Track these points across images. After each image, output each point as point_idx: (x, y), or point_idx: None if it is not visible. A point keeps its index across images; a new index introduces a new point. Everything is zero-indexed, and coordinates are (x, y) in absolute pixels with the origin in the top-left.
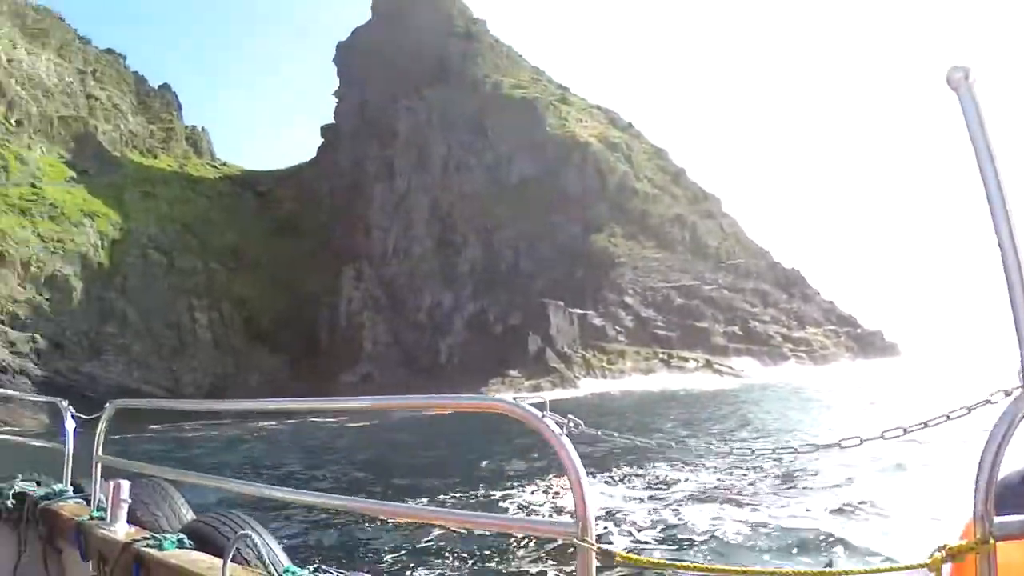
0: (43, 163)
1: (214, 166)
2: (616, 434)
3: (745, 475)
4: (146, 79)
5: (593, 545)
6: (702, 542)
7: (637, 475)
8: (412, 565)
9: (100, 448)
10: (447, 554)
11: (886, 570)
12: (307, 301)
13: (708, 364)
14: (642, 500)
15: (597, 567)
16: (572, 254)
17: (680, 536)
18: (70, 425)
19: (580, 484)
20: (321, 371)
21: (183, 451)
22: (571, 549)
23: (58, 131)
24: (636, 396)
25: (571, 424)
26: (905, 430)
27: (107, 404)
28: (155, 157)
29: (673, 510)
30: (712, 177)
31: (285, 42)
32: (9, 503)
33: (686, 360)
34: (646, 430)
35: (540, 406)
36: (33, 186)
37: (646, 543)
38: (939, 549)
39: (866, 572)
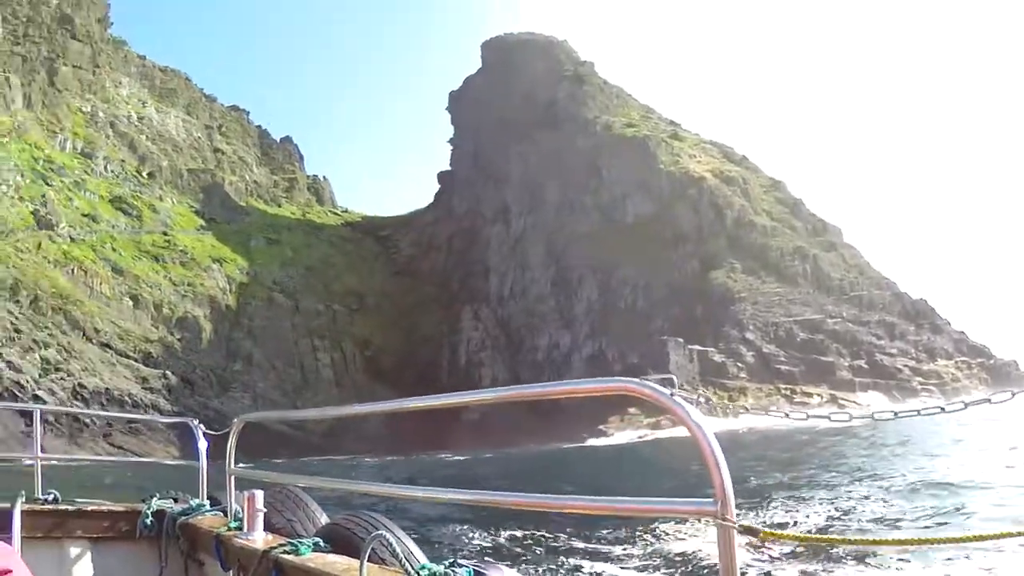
0: (174, 212)
1: (335, 213)
2: (748, 408)
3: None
4: (269, 132)
5: (735, 523)
6: (841, 524)
7: (772, 467)
8: (548, 555)
9: (232, 462)
10: (583, 542)
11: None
12: (426, 341)
13: (833, 399)
14: (778, 491)
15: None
16: (690, 291)
17: (817, 520)
18: (202, 444)
19: (717, 462)
20: (439, 411)
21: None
22: (712, 529)
23: (188, 183)
24: (760, 433)
25: (701, 401)
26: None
27: (235, 419)
28: (279, 205)
29: (808, 500)
30: (832, 207)
31: (400, 93)
32: (148, 521)
33: (810, 395)
34: (777, 463)
35: (667, 382)
36: (165, 234)
37: (784, 524)
38: None
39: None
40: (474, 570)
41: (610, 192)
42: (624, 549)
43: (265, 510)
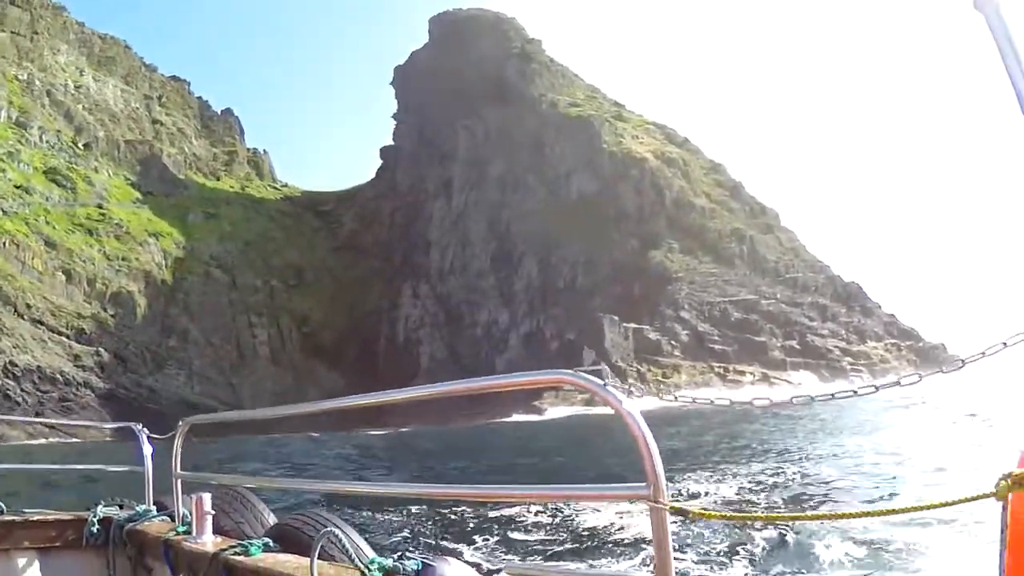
0: (110, 185)
1: (275, 187)
2: (676, 396)
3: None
4: (210, 104)
5: (666, 504)
6: (767, 501)
7: (698, 450)
8: (491, 544)
9: (178, 465)
10: (522, 530)
11: (954, 502)
12: (366, 318)
13: (765, 378)
14: (705, 472)
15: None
16: (630, 270)
17: (746, 498)
18: (147, 448)
19: (648, 446)
20: (378, 387)
21: (252, 462)
22: (644, 511)
23: (124, 154)
24: (695, 410)
25: (632, 391)
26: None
27: (180, 422)
28: (218, 179)
29: (735, 478)
30: (770, 191)
31: (344, 66)
32: (95, 528)
33: (742, 374)
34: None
35: (599, 373)
36: (100, 207)
37: (714, 504)
38: (1004, 478)
39: (932, 505)
40: (423, 562)
41: (554, 170)
42: (565, 531)
43: (213, 512)
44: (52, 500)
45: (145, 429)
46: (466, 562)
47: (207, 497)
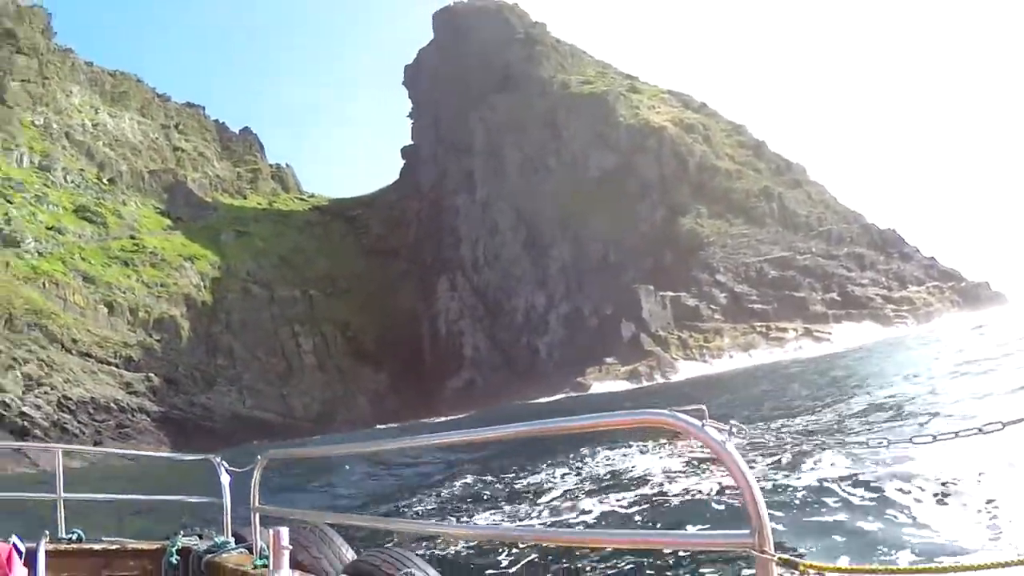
0: (140, 215)
1: (302, 199)
2: (780, 434)
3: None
4: (227, 125)
5: (773, 556)
6: (879, 545)
7: (788, 471)
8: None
9: (256, 498)
10: (600, 571)
11: None
12: (406, 317)
13: (808, 332)
14: (803, 500)
15: None
16: (660, 240)
17: (855, 539)
18: (225, 479)
19: (752, 492)
20: (425, 382)
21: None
22: (746, 560)
23: (150, 184)
24: (735, 375)
25: (733, 430)
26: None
27: (258, 456)
28: (244, 198)
29: (840, 509)
30: (794, 145)
31: (359, 70)
32: (174, 560)
33: (784, 331)
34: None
35: (698, 414)
36: (132, 237)
37: (818, 547)
38: None
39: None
40: None
41: (572, 149)
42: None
43: (291, 547)
44: (126, 528)
45: (224, 462)
46: None
47: (285, 531)
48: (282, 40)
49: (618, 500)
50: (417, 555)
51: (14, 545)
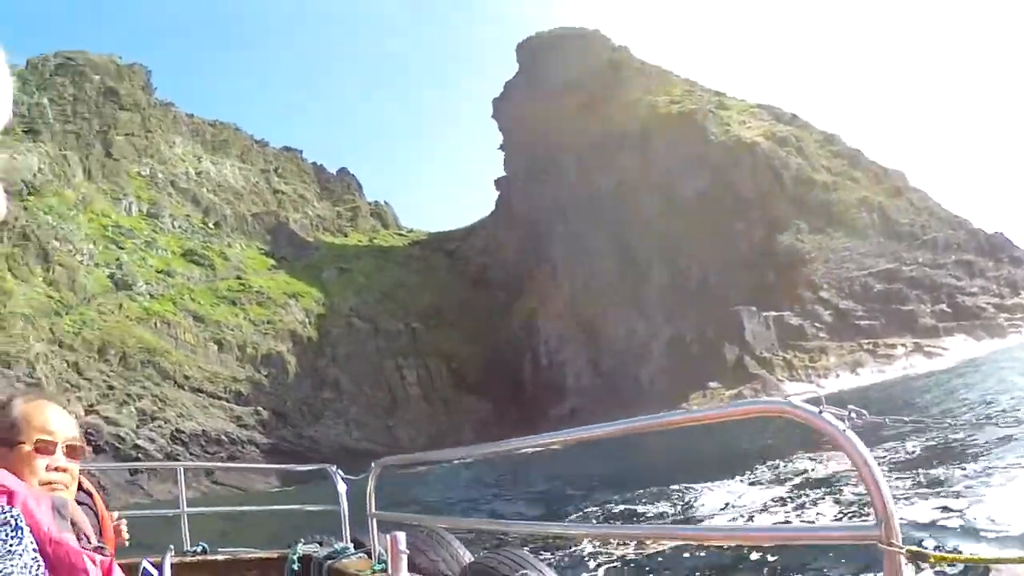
0: (245, 257)
1: (401, 234)
2: (906, 419)
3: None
4: (324, 167)
5: (901, 548)
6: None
7: (913, 463)
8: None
9: (373, 504)
10: (738, 572)
11: None
12: (508, 347)
13: (918, 348)
14: (928, 490)
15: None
16: (760, 258)
17: (984, 527)
18: (342, 487)
19: (876, 481)
20: (528, 412)
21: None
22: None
23: (253, 227)
24: (844, 396)
25: (852, 416)
26: None
27: (372, 464)
28: (345, 235)
29: (965, 499)
30: (892, 151)
31: (449, 107)
32: (295, 567)
33: (893, 347)
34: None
35: (815, 401)
36: (239, 278)
37: (947, 537)
38: None
39: None
40: None
41: (665, 171)
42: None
43: (408, 551)
44: (247, 541)
45: (339, 470)
46: None
47: (402, 536)
48: (372, 81)
49: (744, 495)
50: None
51: (144, 570)
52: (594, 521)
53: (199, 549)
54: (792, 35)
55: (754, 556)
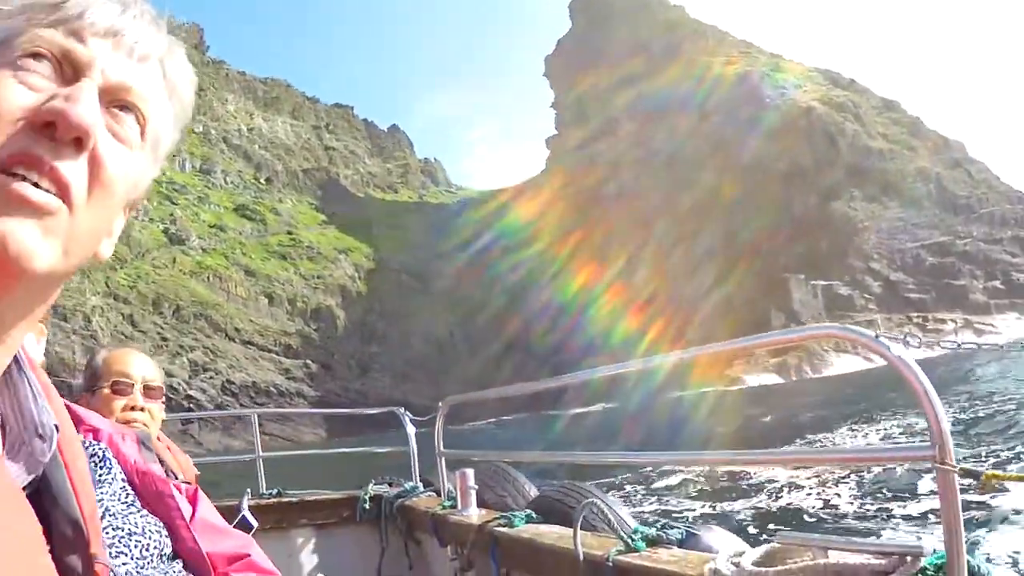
0: (296, 212)
1: (451, 192)
2: (958, 343)
3: None
4: (375, 124)
5: (954, 466)
6: None
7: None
8: (761, 509)
9: (441, 444)
10: (785, 496)
11: None
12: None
13: (968, 324)
14: (979, 416)
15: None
16: (812, 225)
17: None
18: (411, 429)
19: (931, 401)
20: (561, 369)
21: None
22: (929, 474)
23: (304, 182)
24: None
25: (909, 340)
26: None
27: (440, 403)
28: (395, 192)
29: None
30: (954, 120)
31: (499, 64)
32: (367, 506)
33: (943, 322)
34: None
35: (872, 325)
36: (289, 233)
37: (1004, 461)
38: None
39: None
40: (687, 531)
41: (720, 133)
42: (833, 497)
43: (477, 487)
44: (319, 484)
45: (408, 412)
46: (730, 530)
47: (470, 473)
48: (424, 40)
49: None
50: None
51: (242, 516)
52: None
53: (274, 491)
54: None
55: (815, 480)
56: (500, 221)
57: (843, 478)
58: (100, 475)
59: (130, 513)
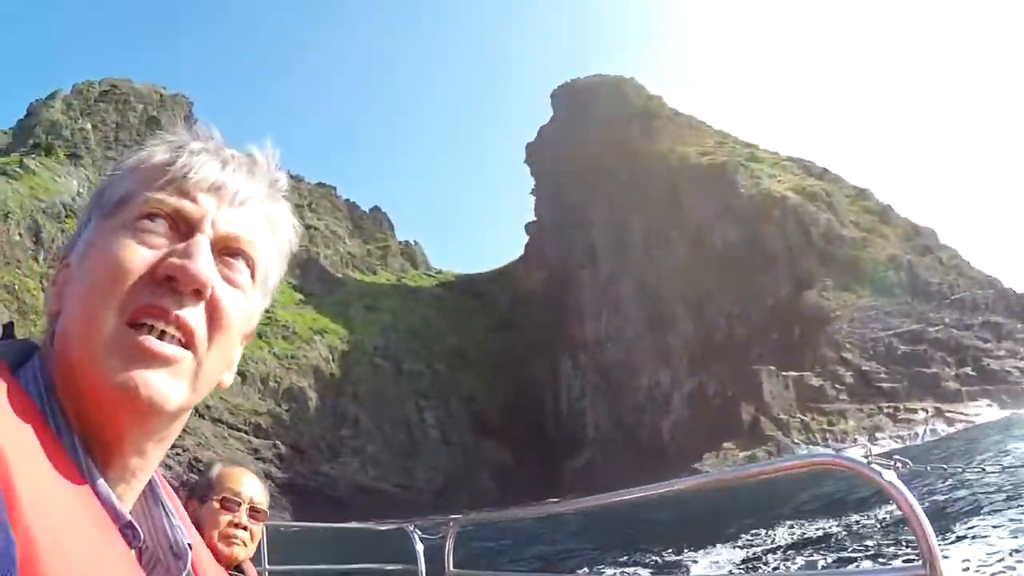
0: (274, 290)
1: (430, 275)
2: (946, 466)
3: None
4: (358, 205)
5: None
6: None
7: (959, 512)
8: None
9: (450, 563)
10: None
11: None
12: (529, 393)
13: (939, 413)
14: (975, 537)
15: None
16: (786, 314)
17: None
18: (419, 547)
19: (922, 525)
20: (546, 460)
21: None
22: None
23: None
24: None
25: (898, 465)
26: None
27: (450, 522)
28: (374, 274)
29: (1006, 543)
30: (923, 208)
31: (482, 150)
32: None
33: (915, 411)
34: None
35: (864, 454)
36: (267, 311)
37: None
38: None
39: None
40: None
41: (695, 222)
42: None
43: None
44: None
45: (417, 530)
46: None
47: None
48: (409, 124)
49: (791, 543)
50: None
51: None
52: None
53: None
54: (829, 89)
55: None
56: (481, 306)
57: None
58: None
59: None
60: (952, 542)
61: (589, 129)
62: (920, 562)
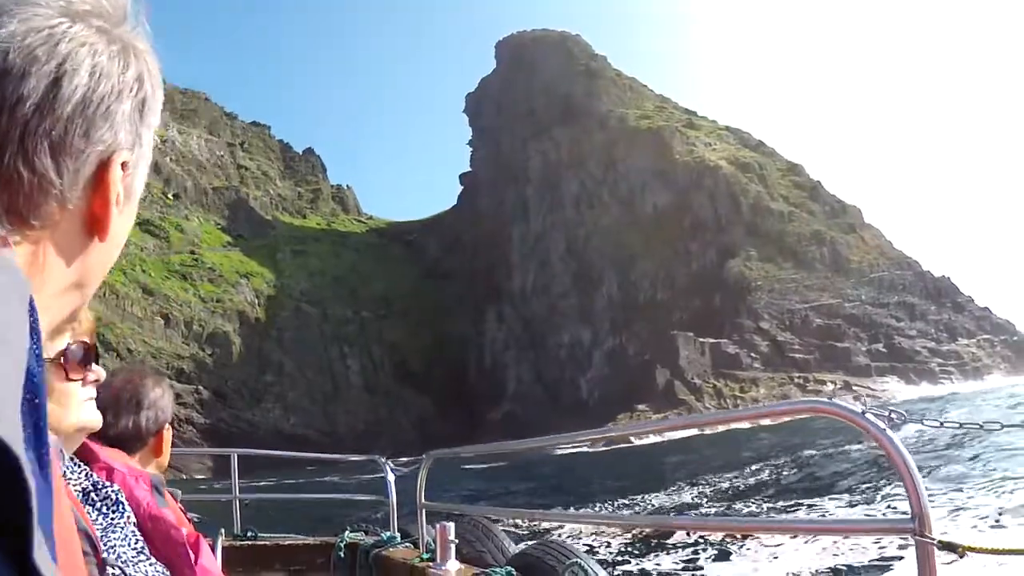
0: (201, 231)
1: (361, 221)
2: (940, 421)
3: None
4: (291, 146)
5: (934, 539)
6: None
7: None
8: (742, 573)
9: (422, 495)
10: (770, 558)
11: None
12: (454, 343)
13: (847, 386)
14: (963, 490)
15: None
16: (709, 281)
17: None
18: (391, 478)
19: (912, 477)
20: (467, 410)
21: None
22: (908, 546)
23: (213, 201)
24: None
25: (893, 417)
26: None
27: (424, 455)
28: (304, 217)
29: (1001, 496)
30: (852, 186)
31: (421, 97)
32: (342, 553)
33: (823, 383)
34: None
35: (858, 404)
36: (192, 252)
37: (982, 532)
38: None
39: None
40: None
41: (628, 185)
42: (816, 561)
43: (457, 541)
44: (295, 527)
45: (390, 461)
46: None
47: (451, 526)
48: (347, 65)
49: (776, 490)
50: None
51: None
52: (630, 512)
53: (249, 533)
54: (770, 60)
55: (791, 550)
56: (411, 254)
57: (822, 548)
58: (112, 519)
59: (139, 561)
60: (939, 494)
61: (531, 83)
62: (909, 515)
